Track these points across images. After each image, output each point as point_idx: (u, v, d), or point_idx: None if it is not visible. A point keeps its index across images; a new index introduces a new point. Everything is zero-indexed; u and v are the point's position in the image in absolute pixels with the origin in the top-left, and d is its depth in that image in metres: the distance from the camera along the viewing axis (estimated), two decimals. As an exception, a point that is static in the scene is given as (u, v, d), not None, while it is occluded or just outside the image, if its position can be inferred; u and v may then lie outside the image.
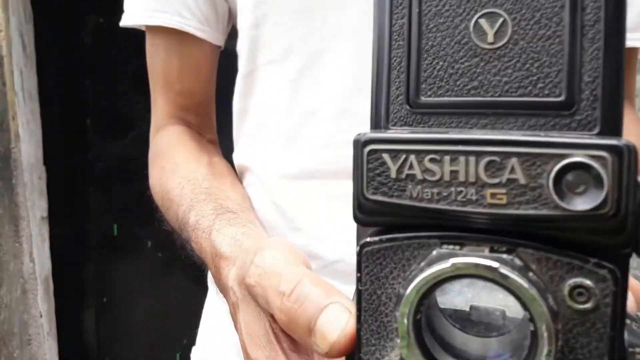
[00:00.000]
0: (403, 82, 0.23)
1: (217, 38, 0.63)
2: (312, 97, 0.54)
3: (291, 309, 0.29)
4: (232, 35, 0.63)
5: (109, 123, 1.82)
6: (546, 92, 0.21)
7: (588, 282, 0.21)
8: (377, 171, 0.22)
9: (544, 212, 0.20)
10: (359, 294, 0.24)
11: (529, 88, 0.22)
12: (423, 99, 0.23)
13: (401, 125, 0.23)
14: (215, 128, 0.69)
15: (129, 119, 1.77)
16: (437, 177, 0.21)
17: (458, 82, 0.22)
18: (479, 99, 0.22)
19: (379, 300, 0.24)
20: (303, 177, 0.55)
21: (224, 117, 0.69)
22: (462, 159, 0.21)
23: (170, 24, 0.60)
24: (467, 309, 0.27)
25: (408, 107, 0.23)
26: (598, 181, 0.19)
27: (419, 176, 0.21)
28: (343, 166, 0.52)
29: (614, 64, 0.20)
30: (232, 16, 0.63)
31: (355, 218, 0.23)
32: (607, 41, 0.20)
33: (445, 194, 0.21)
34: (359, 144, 0.22)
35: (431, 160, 0.21)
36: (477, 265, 0.20)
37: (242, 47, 0.58)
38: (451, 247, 0.21)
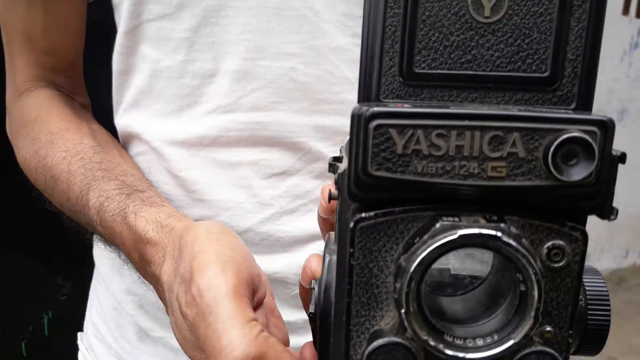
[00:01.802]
0: (397, 53, 0.22)
1: None
2: (209, 57, 0.50)
3: None
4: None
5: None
6: (533, 67, 0.23)
7: (563, 244, 0.23)
8: (383, 147, 0.21)
9: (537, 182, 0.22)
10: (350, 268, 0.24)
11: (519, 63, 0.22)
12: (417, 70, 0.23)
13: (393, 98, 0.23)
14: (86, 90, 0.62)
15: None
16: (442, 152, 0.21)
17: (452, 55, 0.22)
18: (471, 73, 0.23)
19: (370, 273, 0.24)
20: (203, 145, 0.52)
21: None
22: (468, 133, 0.21)
23: None
24: None
25: (401, 79, 0.23)
26: (589, 154, 0.21)
27: (425, 151, 0.21)
28: (247, 134, 0.51)
29: (594, 44, 0.22)
30: None
31: (350, 194, 0.23)
32: (590, 22, 0.22)
33: (448, 168, 0.22)
34: (363, 118, 0.21)
35: (438, 135, 0.21)
36: (482, 235, 0.21)
37: None
38: (450, 219, 0.22)
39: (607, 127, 0.21)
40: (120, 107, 0.56)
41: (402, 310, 0.22)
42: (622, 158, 0.22)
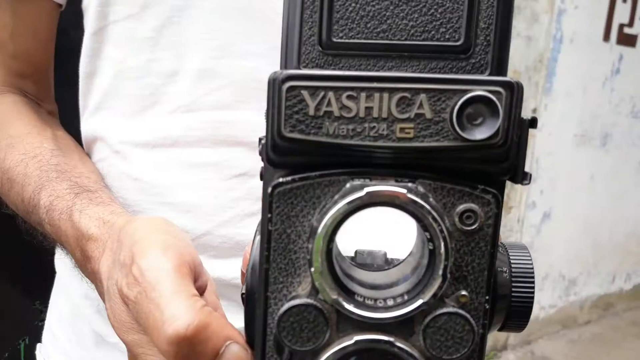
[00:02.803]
0: (316, 23, 0.23)
1: None
2: (172, 56, 0.50)
3: None
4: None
5: None
6: (447, 36, 0.23)
7: (475, 207, 0.23)
8: (296, 109, 0.22)
9: (445, 143, 0.22)
10: (268, 234, 0.24)
11: (432, 32, 0.23)
12: (335, 40, 0.23)
13: (312, 67, 0.24)
14: (54, 98, 0.62)
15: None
16: (352, 114, 0.22)
17: (369, 25, 0.23)
18: (387, 42, 0.23)
19: (288, 239, 0.24)
20: (165, 146, 0.52)
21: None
22: (376, 95, 0.22)
23: None
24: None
25: (320, 48, 0.23)
26: (494, 113, 0.22)
27: (336, 113, 0.22)
28: (209, 133, 0.51)
29: (505, 13, 0.23)
30: None
31: (268, 160, 0.23)
32: (499, -8, 0.23)
33: (359, 129, 0.22)
34: (277, 82, 0.22)
35: (348, 97, 0.22)
36: (388, 193, 0.22)
37: (89, 1, 0.53)
38: (362, 180, 0.22)
39: (513, 88, 0.22)
40: (86, 111, 0.56)
41: (312, 269, 0.22)
42: (533, 122, 0.23)
